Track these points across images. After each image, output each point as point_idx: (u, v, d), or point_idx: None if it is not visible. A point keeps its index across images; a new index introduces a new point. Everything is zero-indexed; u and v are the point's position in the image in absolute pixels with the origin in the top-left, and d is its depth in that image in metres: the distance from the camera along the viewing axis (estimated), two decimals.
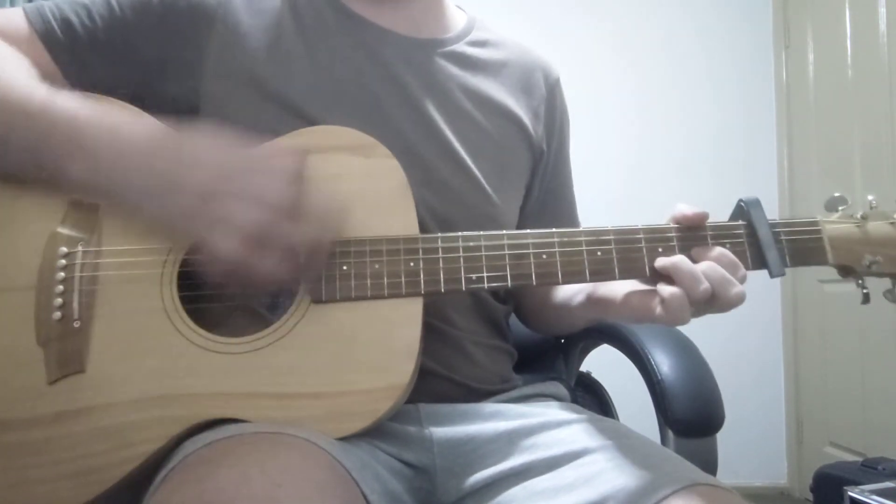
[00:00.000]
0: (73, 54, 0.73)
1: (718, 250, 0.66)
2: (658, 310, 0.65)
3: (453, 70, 0.82)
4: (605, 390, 1.08)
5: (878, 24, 2.37)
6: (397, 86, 0.78)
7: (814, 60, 2.82)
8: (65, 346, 0.64)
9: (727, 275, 0.65)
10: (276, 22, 0.77)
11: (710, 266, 0.65)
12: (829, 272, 0.70)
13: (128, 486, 0.62)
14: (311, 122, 0.72)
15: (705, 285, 0.64)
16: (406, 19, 0.82)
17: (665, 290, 0.64)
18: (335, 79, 0.76)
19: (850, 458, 2.32)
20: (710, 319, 0.67)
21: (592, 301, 0.76)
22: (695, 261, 0.66)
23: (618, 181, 2.83)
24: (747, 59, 3.04)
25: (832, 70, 2.66)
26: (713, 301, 0.64)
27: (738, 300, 0.65)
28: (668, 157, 2.95)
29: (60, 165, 0.64)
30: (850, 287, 0.69)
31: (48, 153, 0.64)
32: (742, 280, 0.66)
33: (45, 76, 0.71)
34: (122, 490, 0.62)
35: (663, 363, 0.96)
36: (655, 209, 0.70)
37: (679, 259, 0.66)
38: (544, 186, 0.89)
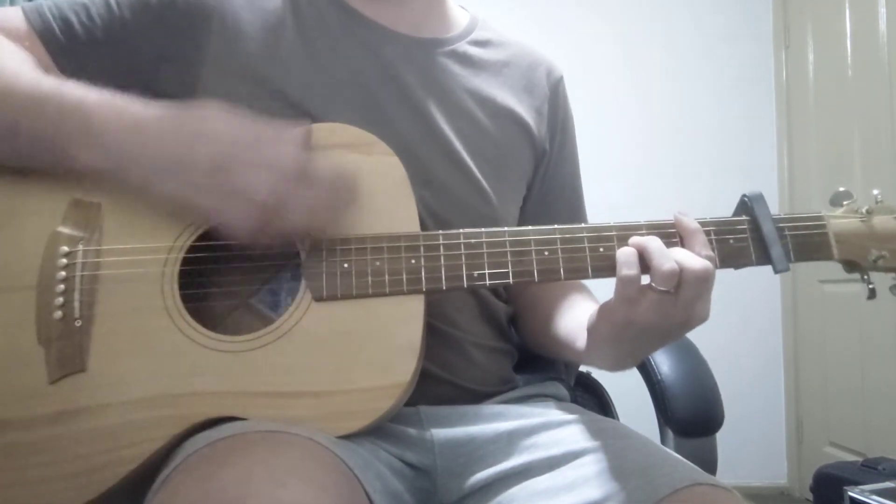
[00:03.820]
0: (71, 53, 0.73)
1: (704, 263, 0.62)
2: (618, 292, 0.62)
3: (455, 70, 0.82)
4: (605, 390, 1.08)
5: (878, 24, 2.37)
6: (397, 85, 0.78)
7: (814, 60, 2.82)
8: (65, 346, 0.64)
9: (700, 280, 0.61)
10: (276, 20, 0.77)
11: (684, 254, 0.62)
12: (830, 272, 0.70)
13: (129, 485, 0.62)
14: (311, 121, 0.72)
15: (671, 264, 0.61)
16: (408, 18, 0.81)
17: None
18: (334, 77, 0.76)
19: (850, 458, 2.32)
20: (709, 319, 0.66)
21: (591, 327, 0.69)
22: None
23: (619, 181, 2.82)
24: (747, 59, 3.04)
25: (832, 70, 2.66)
26: (679, 289, 0.61)
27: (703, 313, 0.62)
28: (668, 157, 2.95)
29: (70, 150, 0.65)
30: (850, 287, 0.69)
31: (58, 138, 0.65)
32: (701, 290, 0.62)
33: None
34: (123, 490, 0.62)
35: (663, 363, 0.96)
36: (656, 209, 0.69)
37: (649, 239, 0.63)
38: (546, 185, 0.89)
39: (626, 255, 0.62)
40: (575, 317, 0.76)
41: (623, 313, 0.62)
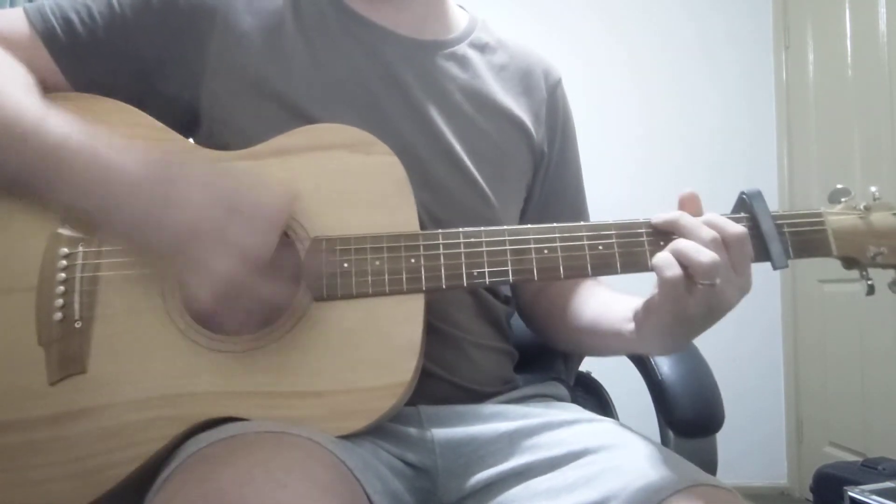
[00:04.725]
0: (73, 53, 0.72)
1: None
2: (675, 270, 0.61)
3: (454, 72, 0.82)
4: (605, 390, 1.08)
5: (878, 24, 2.38)
6: (397, 86, 0.78)
7: (814, 60, 2.82)
8: (66, 347, 0.64)
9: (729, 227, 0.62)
10: (277, 21, 0.77)
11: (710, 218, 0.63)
12: (830, 272, 0.69)
13: (130, 486, 0.62)
14: (311, 121, 0.72)
15: (711, 233, 0.61)
16: (408, 20, 0.81)
17: (677, 244, 0.62)
18: (335, 78, 0.76)
19: (850, 458, 2.32)
20: None
21: (639, 322, 0.69)
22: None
23: (621, 180, 2.82)
24: (747, 59, 3.04)
25: (832, 70, 2.66)
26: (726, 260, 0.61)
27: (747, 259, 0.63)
28: (669, 157, 2.95)
29: (47, 193, 0.65)
30: (850, 287, 0.69)
31: (36, 179, 0.64)
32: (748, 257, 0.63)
33: (45, 75, 0.71)
34: (124, 491, 0.62)
35: (663, 363, 0.96)
36: (657, 208, 0.69)
37: (678, 214, 0.64)
38: (546, 188, 0.89)
39: (664, 260, 0.61)
40: (613, 311, 0.75)
41: (671, 313, 0.63)
